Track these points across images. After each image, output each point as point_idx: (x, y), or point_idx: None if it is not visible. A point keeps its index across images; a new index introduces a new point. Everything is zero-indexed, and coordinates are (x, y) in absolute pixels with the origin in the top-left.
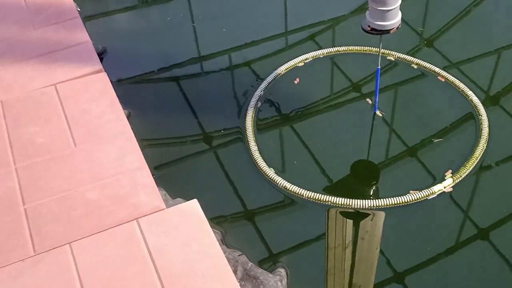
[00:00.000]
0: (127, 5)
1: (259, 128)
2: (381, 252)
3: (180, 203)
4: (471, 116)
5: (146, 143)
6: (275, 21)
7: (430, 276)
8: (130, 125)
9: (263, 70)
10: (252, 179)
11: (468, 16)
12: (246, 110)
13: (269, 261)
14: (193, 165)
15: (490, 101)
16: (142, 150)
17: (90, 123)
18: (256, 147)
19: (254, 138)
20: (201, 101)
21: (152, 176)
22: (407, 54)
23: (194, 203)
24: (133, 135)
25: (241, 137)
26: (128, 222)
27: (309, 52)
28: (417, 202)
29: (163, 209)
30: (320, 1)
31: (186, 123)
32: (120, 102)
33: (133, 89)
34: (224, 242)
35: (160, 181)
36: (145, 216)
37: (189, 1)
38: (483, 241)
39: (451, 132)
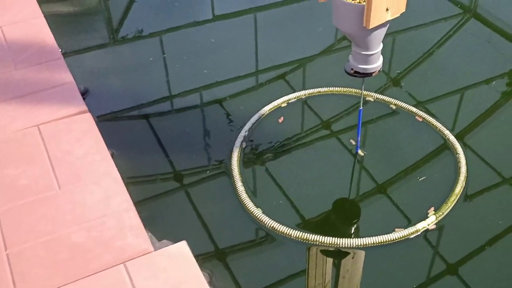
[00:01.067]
0: (98, 42)
1: (244, 166)
2: None
3: (167, 245)
4: (449, 154)
5: (129, 182)
6: (246, 60)
7: None
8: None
9: (235, 109)
10: (237, 217)
11: (432, 56)
12: (232, 150)
13: None
14: (177, 205)
15: (456, 137)
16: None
17: (74, 164)
18: (242, 186)
19: (240, 177)
20: (177, 139)
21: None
22: (375, 92)
23: (183, 245)
24: (119, 175)
25: (227, 176)
26: (115, 266)
27: (283, 93)
28: (400, 240)
29: (151, 252)
30: (290, 41)
31: (165, 162)
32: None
33: (112, 128)
34: (212, 283)
35: (145, 223)
36: (132, 259)
37: (161, 39)
38: (452, 276)
39: (430, 169)
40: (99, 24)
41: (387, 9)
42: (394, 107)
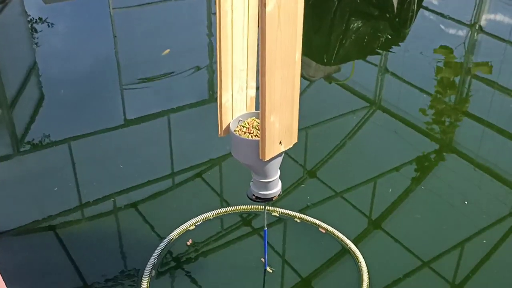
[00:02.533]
0: (1, 153)
1: None
2: None
3: None
4: (352, 262)
5: None
6: (162, 162)
7: None
8: None
9: (152, 213)
10: None
11: (344, 147)
12: (141, 279)
13: None
14: None
15: (372, 225)
16: None
17: None
18: None
19: None
20: (84, 256)
21: None
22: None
23: None
24: None
25: None
26: None
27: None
28: None
29: None
30: (204, 142)
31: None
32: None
33: (11, 244)
34: None
35: None
36: None
37: (70, 146)
38: None
39: (334, 279)
40: (2, 134)
41: (280, 142)
42: (298, 220)
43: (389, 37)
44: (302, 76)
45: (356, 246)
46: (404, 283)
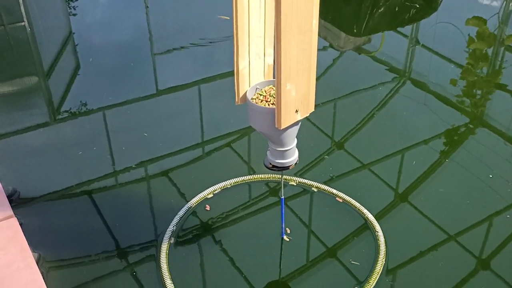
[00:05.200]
0: (38, 121)
1: (173, 261)
2: None
3: None
4: (369, 233)
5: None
6: (192, 131)
7: None
8: (41, 268)
9: (182, 180)
10: None
11: (373, 119)
12: (160, 245)
13: None
14: None
15: (399, 198)
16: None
17: None
18: (172, 284)
19: (169, 274)
20: (116, 219)
21: None
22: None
23: None
24: (43, 282)
25: (156, 272)
26: None
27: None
28: None
29: None
30: (234, 112)
31: (90, 254)
32: (30, 244)
33: (46, 209)
34: None
35: None
36: None
37: (104, 114)
38: None
39: (352, 248)
40: (39, 102)
41: (296, 111)
42: (315, 189)
43: (420, 7)
44: (331, 47)
45: (374, 216)
46: (429, 256)
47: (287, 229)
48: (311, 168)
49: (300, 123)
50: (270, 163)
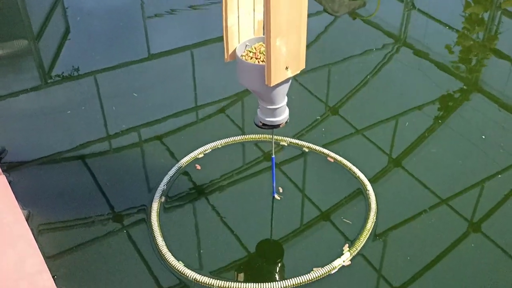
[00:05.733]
0: (29, 85)
1: (164, 218)
2: None
3: None
4: (360, 192)
5: (46, 235)
6: (185, 96)
7: None
8: (30, 225)
9: (174, 144)
10: (158, 271)
11: (367, 85)
12: (151, 203)
13: None
14: (96, 259)
15: (393, 163)
16: (41, 241)
17: None
18: (163, 241)
19: (160, 231)
20: (107, 179)
21: (54, 277)
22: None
23: None
24: (33, 237)
25: (147, 229)
26: None
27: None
28: (320, 278)
29: None
30: (227, 77)
31: (82, 213)
32: (20, 202)
33: (37, 171)
34: None
35: (62, 280)
36: None
37: (96, 79)
38: None
39: (343, 207)
40: (30, 65)
41: (286, 68)
42: (306, 149)
43: None
44: (325, 11)
45: (368, 180)
46: (421, 219)
47: (279, 188)
48: (306, 133)
49: (290, 81)
50: (261, 122)
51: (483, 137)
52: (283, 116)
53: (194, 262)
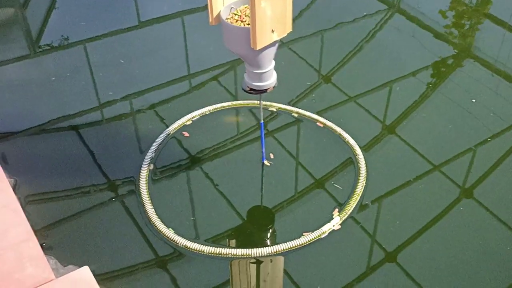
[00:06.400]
0: (17, 54)
1: (153, 186)
2: None
3: (72, 270)
4: (350, 157)
5: (35, 205)
6: (178, 65)
7: None
8: (17, 193)
9: (169, 114)
10: (149, 236)
11: (361, 52)
12: (139, 171)
13: None
14: (86, 223)
15: (387, 130)
16: (29, 211)
17: None
18: (153, 208)
19: (149, 199)
20: (101, 152)
21: (42, 245)
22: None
23: (85, 271)
24: (19, 206)
25: (136, 194)
26: None
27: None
28: (309, 243)
29: (52, 280)
30: (219, 45)
31: (72, 182)
32: (5, 169)
33: (27, 141)
34: None
35: (52, 246)
36: None
37: (85, 48)
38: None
39: (333, 172)
40: (18, 35)
41: (272, 31)
42: (296, 115)
43: None
44: None
45: (360, 148)
46: (413, 185)
47: (270, 154)
48: (298, 101)
49: (277, 44)
50: (248, 86)
51: (473, 100)
52: (270, 80)
53: (185, 230)
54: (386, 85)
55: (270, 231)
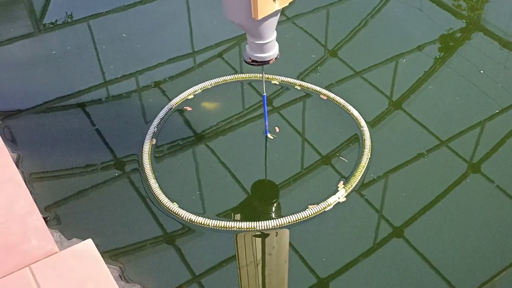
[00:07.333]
0: (21, 32)
1: (156, 161)
2: (305, 262)
3: (76, 243)
4: (354, 130)
5: (39, 181)
6: (182, 41)
7: (354, 280)
8: (20, 168)
9: (174, 91)
10: (153, 211)
11: (367, 26)
12: (142, 146)
13: None
14: (90, 200)
15: (393, 105)
16: (34, 188)
17: None
18: (156, 182)
19: (152, 173)
20: (107, 128)
21: (46, 218)
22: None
23: (89, 243)
24: (22, 179)
25: (139, 170)
26: (20, 269)
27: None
28: (317, 214)
29: (57, 252)
30: (223, 21)
31: (76, 158)
32: (9, 145)
33: (33, 119)
34: (123, 277)
35: (56, 221)
36: (37, 261)
37: (89, 25)
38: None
39: (337, 144)
40: (21, 13)
41: (274, 0)
42: (299, 87)
43: None
44: None
45: (367, 123)
46: (420, 161)
47: (275, 127)
48: (305, 76)
49: (279, 14)
50: (250, 58)
51: (481, 71)
52: (272, 51)
53: (189, 204)
54: (392, 59)
55: (275, 204)
